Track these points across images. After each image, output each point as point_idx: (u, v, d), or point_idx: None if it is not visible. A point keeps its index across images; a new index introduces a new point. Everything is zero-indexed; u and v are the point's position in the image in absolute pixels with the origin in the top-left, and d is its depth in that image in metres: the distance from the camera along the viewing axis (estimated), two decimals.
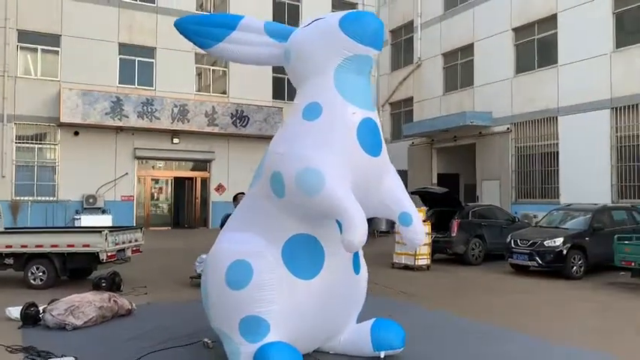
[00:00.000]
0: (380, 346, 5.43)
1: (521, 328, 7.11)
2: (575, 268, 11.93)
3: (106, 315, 6.99)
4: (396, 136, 26.17)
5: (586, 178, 16.55)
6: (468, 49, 21.73)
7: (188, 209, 23.90)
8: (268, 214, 5.04)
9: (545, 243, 12.06)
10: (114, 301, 7.15)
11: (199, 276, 10.33)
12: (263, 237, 4.99)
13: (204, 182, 23.44)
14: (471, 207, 15.30)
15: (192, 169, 23.66)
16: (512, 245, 12.68)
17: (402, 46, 26.08)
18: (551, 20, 18.22)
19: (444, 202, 14.74)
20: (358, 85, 5.07)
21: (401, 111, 26.08)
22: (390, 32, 26.49)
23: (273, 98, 24.17)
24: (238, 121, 22.57)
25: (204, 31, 5.49)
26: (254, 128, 22.71)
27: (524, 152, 19.17)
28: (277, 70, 24.35)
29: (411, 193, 16.72)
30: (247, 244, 4.98)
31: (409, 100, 25.21)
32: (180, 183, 23.94)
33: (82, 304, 6.71)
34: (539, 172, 18.65)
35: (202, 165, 23.36)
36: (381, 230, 19.97)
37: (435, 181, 23.40)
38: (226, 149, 23.12)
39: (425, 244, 12.10)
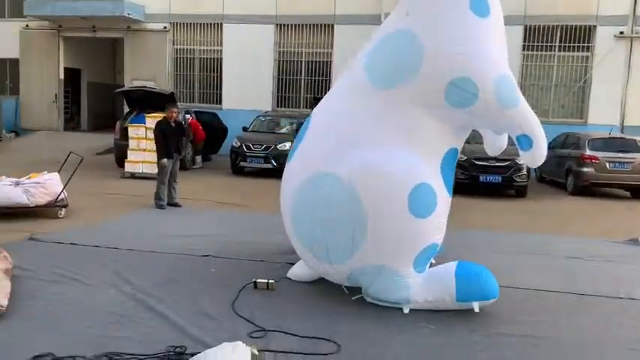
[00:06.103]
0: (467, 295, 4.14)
1: None
2: None
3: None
4: None
5: (248, 87, 17.96)
6: None
7: None
8: (422, 125, 4.27)
9: (278, 147, 13.06)
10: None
11: None
12: (418, 153, 4.26)
13: None
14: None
15: None
16: (245, 149, 13.14)
17: None
18: None
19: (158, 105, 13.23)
20: None
21: None
22: None
23: None
24: None
25: None
26: None
27: (184, 55, 18.85)
28: None
29: (120, 92, 14.39)
30: (417, 164, 4.18)
31: None
32: None
33: None
34: (199, 76, 18.87)
35: None
36: None
37: (61, 76, 20.03)
38: None
39: None
